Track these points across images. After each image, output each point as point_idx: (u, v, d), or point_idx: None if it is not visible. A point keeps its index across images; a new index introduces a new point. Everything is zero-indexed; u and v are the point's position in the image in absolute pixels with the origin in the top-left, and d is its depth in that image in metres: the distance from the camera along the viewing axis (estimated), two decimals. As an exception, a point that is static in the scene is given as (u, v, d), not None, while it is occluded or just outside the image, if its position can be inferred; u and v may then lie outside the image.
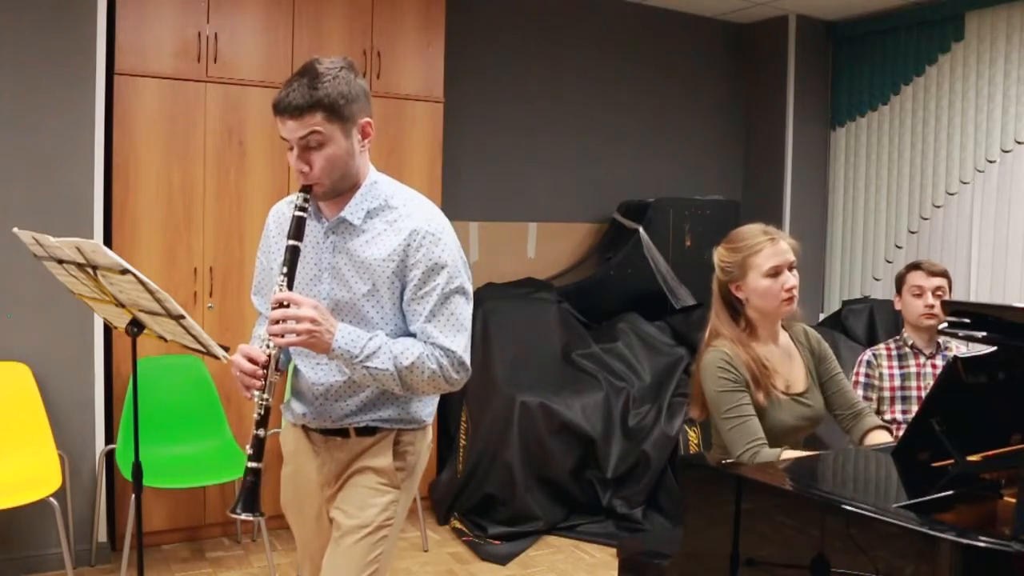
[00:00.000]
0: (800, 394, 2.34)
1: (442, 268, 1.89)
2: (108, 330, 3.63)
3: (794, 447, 2.32)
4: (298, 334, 1.78)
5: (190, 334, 2.29)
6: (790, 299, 2.29)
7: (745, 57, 5.95)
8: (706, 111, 5.84)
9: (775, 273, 2.28)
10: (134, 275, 2.13)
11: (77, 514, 3.58)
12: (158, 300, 2.20)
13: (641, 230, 5.02)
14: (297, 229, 1.85)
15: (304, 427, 2.06)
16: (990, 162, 4.94)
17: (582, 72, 5.31)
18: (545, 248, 5.25)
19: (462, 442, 4.31)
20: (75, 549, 3.54)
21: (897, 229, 5.47)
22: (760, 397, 2.25)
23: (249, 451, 1.85)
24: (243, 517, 1.83)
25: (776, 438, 2.25)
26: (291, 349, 1.98)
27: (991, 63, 4.91)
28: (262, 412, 1.84)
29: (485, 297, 4.62)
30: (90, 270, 2.25)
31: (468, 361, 1.93)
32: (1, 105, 3.44)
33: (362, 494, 1.98)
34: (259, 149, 3.89)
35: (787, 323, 2.44)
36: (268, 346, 1.83)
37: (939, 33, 5.18)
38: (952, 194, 5.14)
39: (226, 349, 2.31)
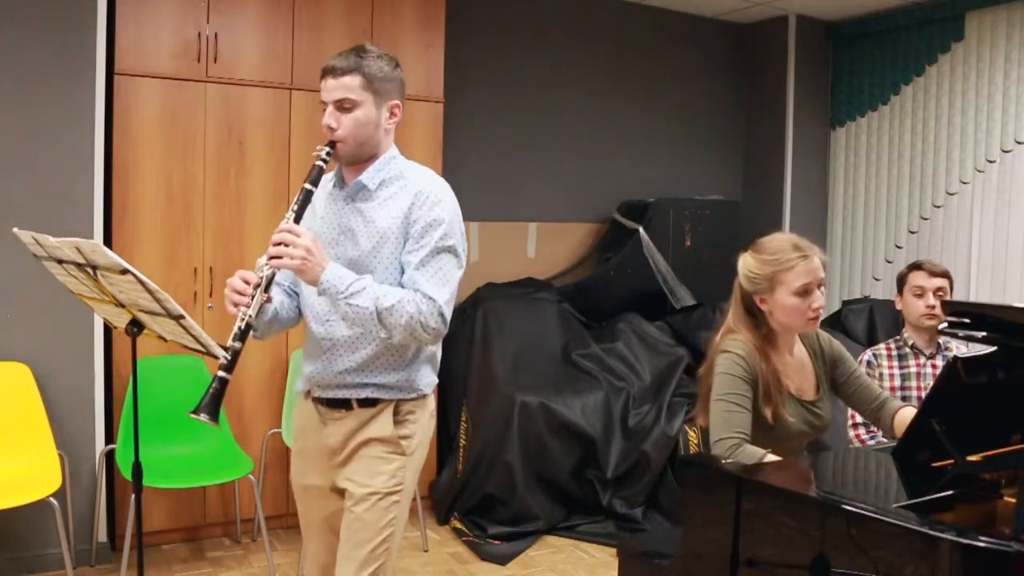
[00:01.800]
0: (810, 402, 2.30)
1: (439, 225, 2.06)
2: (108, 330, 3.63)
3: (796, 452, 2.30)
4: (292, 258, 1.94)
5: (190, 334, 2.28)
6: (815, 319, 2.23)
7: (745, 57, 5.95)
8: (706, 111, 5.85)
9: (804, 292, 2.19)
10: (134, 275, 2.13)
11: (77, 514, 3.58)
12: (158, 300, 2.20)
13: (641, 230, 5.03)
14: (315, 176, 2.04)
15: (313, 400, 2.18)
16: (990, 162, 4.94)
17: (582, 72, 5.31)
18: (545, 248, 5.25)
19: (462, 442, 4.31)
20: (75, 549, 3.54)
21: (897, 229, 5.47)
22: (767, 413, 2.18)
23: (223, 361, 1.95)
24: (202, 418, 1.91)
25: (780, 441, 2.21)
26: (302, 304, 2.21)
27: (991, 63, 4.92)
28: (242, 327, 1.96)
29: (485, 297, 4.62)
30: (90, 270, 2.24)
31: (448, 315, 2.05)
32: (1, 105, 3.44)
33: (370, 463, 2.10)
34: (259, 149, 3.89)
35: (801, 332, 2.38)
36: (262, 268, 1.98)
37: (939, 33, 5.18)
38: (952, 194, 5.14)
39: (226, 349, 2.31)
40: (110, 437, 3.66)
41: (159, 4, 3.67)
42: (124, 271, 2.13)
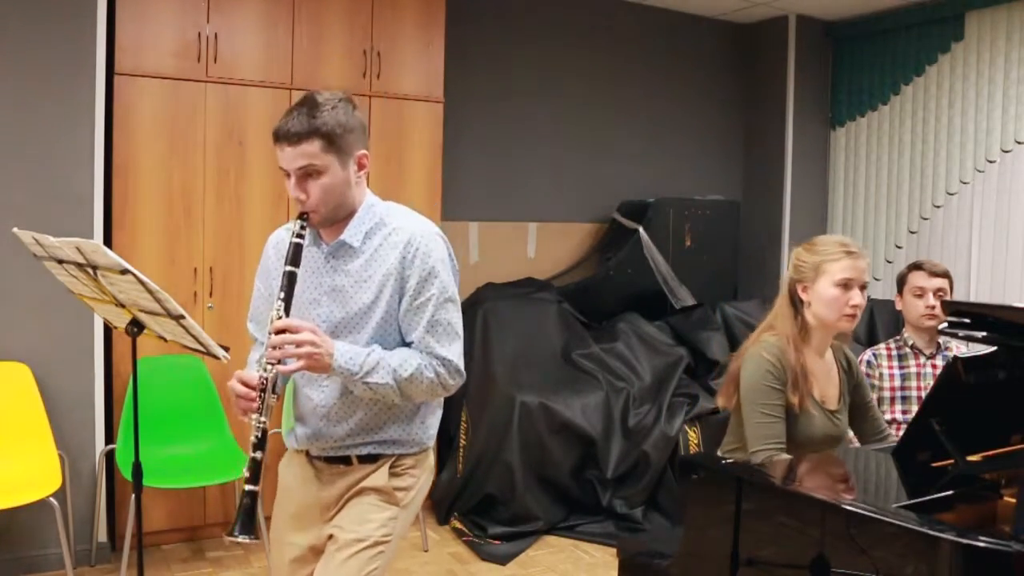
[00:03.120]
0: (832, 411, 2.36)
1: (435, 277, 1.95)
2: (108, 330, 3.63)
3: None
4: (298, 358, 1.83)
5: (190, 334, 2.29)
6: (852, 316, 2.30)
7: (745, 57, 5.95)
8: (706, 111, 5.84)
9: (845, 285, 2.29)
10: (134, 275, 2.13)
11: (77, 514, 3.58)
12: (158, 300, 2.20)
13: (641, 230, 5.03)
14: (294, 255, 1.89)
15: (308, 455, 2.09)
16: (990, 162, 4.94)
17: (582, 72, 5.31)
18: (545, 248, 5.25)
19: (462, 442, 4.31)
20: (75, 549, 3.54)
21: (897, 229, 5.47)
22: (796, 401, 2.26)
23: (246, 474, 1.87)
24: (240, 540, 1.82)
25: (799, 447, 2.26)
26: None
27: (991, 63, 4.91)
28: (259, 435, 1.88)
29: (485, 297, 4.62)
30: (90, 270, 2.25)
31: (463, 367, 2.00)
32: (1, 105, 3.44)
33: (361, 510, 2.00)
34: (259, 149, 3.89)
35: (835, 344, 2.46)
36: (265, 369, 1.86)
37: (939, 33, 5.18)
38: (952, 194, 5.14)
39: (226, 349, 2.31)
40: (110, 437, 3.66)
41: (159, 4, 3.67)
42: (124, 271, 2.13)
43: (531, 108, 5.14)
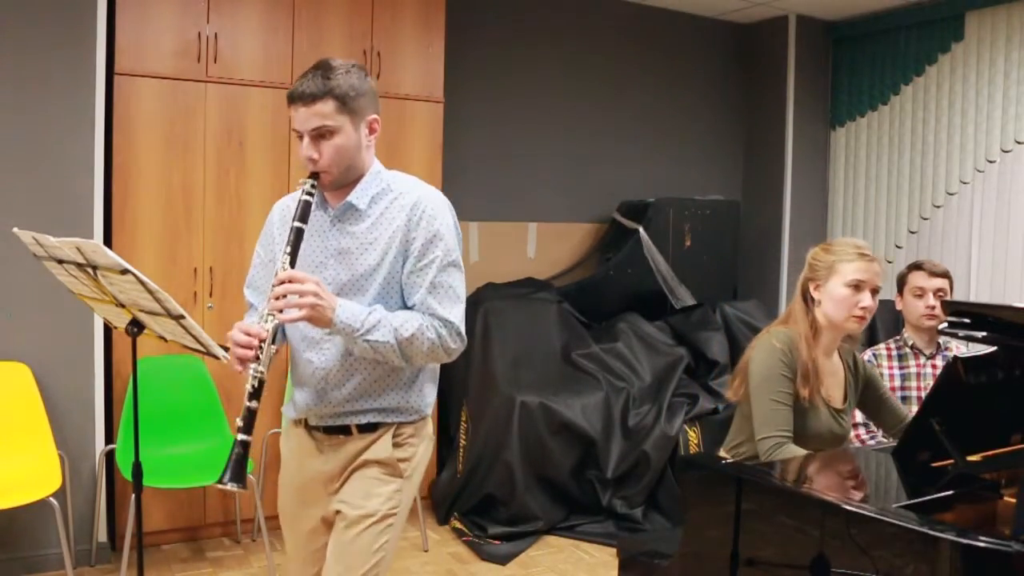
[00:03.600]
0: (837, 410, 2.40)
1: (440, 240, 1.97)
2: (108, 330, 3.63)
3: None
4: (300, 308, 1.83)
5: (190, 334, 2.29)
6: (860, 318, 2.33)
7: (745, 57, 5.95)
8: (706, 111, 5.84)
9: (856, 286, 2.32)
10: (134, 275, 2.13)
11: (77, 514, 3.58)
12: (158, 300, 2.20)
13: (641, 230, 5.02)
14: (303, 212, 1.92)
15: (307, 426, 2.08)
16: (990, 162, 4.94)
17: (582, 72, 5.31)
18: (545, 248, 5.25)
19: (462, 442, 4.31)
20: (75, 549, 3.54)
21: (897, 229, 5.47)
22: (806, 394, 2.30)
23: (240, 423, 1.88)
24: (229, 487, 1.86)
25: (804, 442, 2.29)
26: (288, 329, 2.05)
27: (991, 63, 4.91)
28: (255, 385, 1.88)
29: (485, 297, 4.62)
30: (90, 270, 2.25)
31: (463, 330, 1.99)
32: (1, 105, 3.44)
33: (366, 485, 2.00)
34: (259, 149, 3.89)
35: (843, 345, 2.49)
36: (267, 320, 1.87)
37: (939, 33, 5.18)
38: (952, 194, 5.14)
39: (226, 349, 2.31)
40: (110, 437, 3.66)
41: (159, 4, 3.67)
42: (124, 271, 2.13)
43: (531, 108, 5.14)
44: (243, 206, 3.87)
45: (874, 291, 2.34)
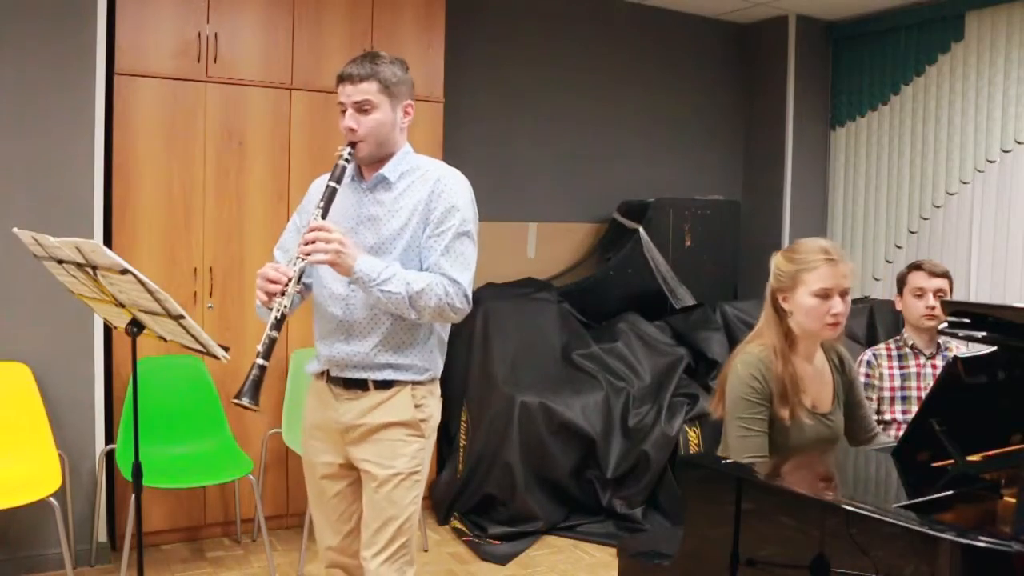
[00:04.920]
0: (824, 414, 2.31)
1: (457, 211, 2.21)
2: (108, 330, 3.63)
3: None
4: (326, 252, 2.07)
5: (190, 334, 2.29)
6: (834, 324, 2.23)
7: (745, 57, 5.95)
8: (706, 111, 5.84)
9: (824, 295, 2.21)
10: (134, 275, 2.13)
11: (77, 514, 3.58)
12: (158, 300, 2.20)
13: (641, 230, 5.02)
14: (339, 175, 2.18)
15: (328, 378, 2.28)
16: (990, 162, 4.94)
17: (582, 72, 5.31)
18: (545, 248, 5.25)
19: (462, 442, 4.31)
20: (75, 549, 3.55)
21: (897, 229, 5.47)
22: (784, 414, 2.20)
23: (260, 349, 2.09)
24: (245, 403, 2.06)
25: (795, 449, 2.23)
26: (316, 287, 2.31)
27: (991, 63, 4.91)
28: (279, 316, 2.09)
29: (485, 297, 4.61)
30: (90, 270, 2.25)
31: (471, 294, 2.21)
32: (1, 105, 3.44)
33: (391, 446, 2.22)
34: (259, 149, 3.89)
35: (827, 344, 2.40)
36: (295, 261, 2.12)
37: (939, 33, 5.18)
38: (952, 194, 5.14)
39: (226, 349, 2.32)
40: (110, 437, 3.66)
41: (159, 4, 3.67)
42: (124, 271, 2.13)
43: (531, 108, 5.14)
44: (243, 206, 3.87)
45: (843, 293, 2.23)
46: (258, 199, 3.90)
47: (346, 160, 2.20)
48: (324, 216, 2.14)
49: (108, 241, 3.61)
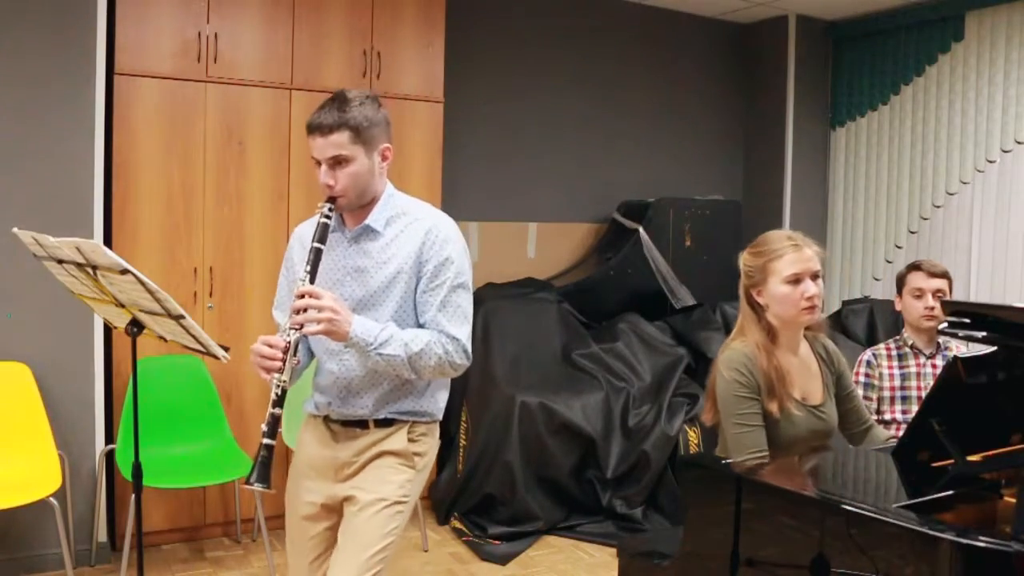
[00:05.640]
0: (815, 406, 2.31)
1: (452, 263, 2.12)
2: (108, 330, 3.63)
3: None
4: (319, 322, 1.97)
5: (190, 334, 2.29)
6: (810, 308, 2.23)
7: (745, 57, 5.95)
8: (706, 111, 5.84)
9: (795, 280, 2.22)
10: (134, 275, 2.13)
11: (77, 514, 3.58)
12: (158, 300, 2.20)
13: (641, 230, 5.02)
14: (322, 234, 2.06)
15: (326, 419, 2.21)
16: (990, 162, 4.94)
17: (582, 72, 5.31)
18: (545, 248, 5.25)
19: (462, 442, 4.31)
20: (75, 549, 3.55)
21: (897, 229, 5.47)
22: (773, 408, 2.21)
23: (264, 428, 2.00)
24: (256, 488, 1.95)
25: (785, 450, 2.23)
26: (313, 346, 2.22)
27: (991, 63, 4.92)
28: (279, 393, 2.00)
29: (485, 297, 4.62)
30: (90, 270, 2.25)
31: (470, 348, 2.15)
32: (1, 105, 3.44)
33: (381, 473, 2.14)
34: (259, 149, 3.89)
35: (810, 335, 2.40)
36: (289, 333, 2.01)
37: (939, 33, 5.18)
38: (952, 194, 5.14)
39: (226, 349, 2.32)
40: (110, 437, 3.66)
41: (159, 4, 3.67)
42: (124, 271, 2.13)
43: (531, 108, 5.14)
44: (243, 206, 3.87)
45: (814, 276, 2.24)
46: (258, 199, 3.90)
47: (327, 217, 2.07)
48: (312, 280, 2.03)
49: (108, 241, 3.61)
